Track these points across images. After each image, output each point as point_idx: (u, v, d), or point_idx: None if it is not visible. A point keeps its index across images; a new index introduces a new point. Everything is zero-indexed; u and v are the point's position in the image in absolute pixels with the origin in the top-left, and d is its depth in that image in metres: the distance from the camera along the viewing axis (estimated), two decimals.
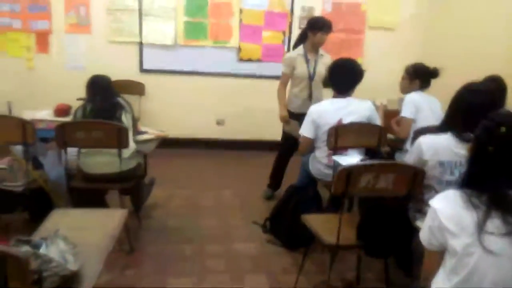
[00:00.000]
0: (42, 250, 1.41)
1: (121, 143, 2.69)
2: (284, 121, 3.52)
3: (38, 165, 2.95)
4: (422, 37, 5.06)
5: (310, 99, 3.47)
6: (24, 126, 2.62)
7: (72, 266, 1.47)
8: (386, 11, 5.03)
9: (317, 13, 4.93)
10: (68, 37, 4.62)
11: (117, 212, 2.11)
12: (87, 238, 1.70)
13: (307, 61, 3.47)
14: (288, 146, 3.59)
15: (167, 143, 3.58)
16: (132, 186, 2.91)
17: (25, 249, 1.37)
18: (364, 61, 4.95)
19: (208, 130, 4.99)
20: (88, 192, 2.85)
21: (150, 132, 3.25)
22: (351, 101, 2.85)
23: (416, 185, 2.03)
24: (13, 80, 4.59)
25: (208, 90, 4.86)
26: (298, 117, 3.40)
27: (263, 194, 3.81)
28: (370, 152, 2.94)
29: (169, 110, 4.91)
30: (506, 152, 1.28)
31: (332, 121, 2.76)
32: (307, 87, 3.49)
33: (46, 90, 4.53)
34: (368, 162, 2.25)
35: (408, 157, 2.18)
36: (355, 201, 2.71)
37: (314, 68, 3.48)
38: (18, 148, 2.88)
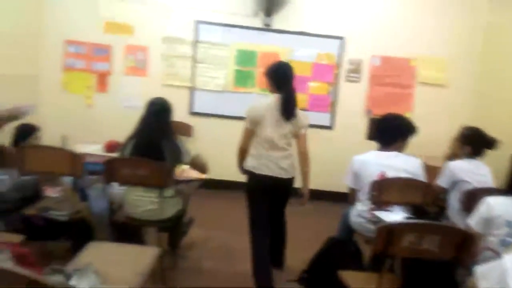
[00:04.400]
0: (74, 281, 1.43)
1: (164, 182, 2.71)
2: None
3: (84, 197, 3.05)
4: (473, 95, 4.92)
5: None
6: (74, 159, 2.74)
7: None
8: (435, 67, 4.97)
9: (365, 66, 4.96)
10: (125, 79, 4.92)
11: (150, 250, 2.11)
12: (117, 274, 1.70)
13: None
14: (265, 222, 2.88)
15: (209, 184, 3.61)
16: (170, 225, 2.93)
17: (58, 278, 1.40)
18: (413, 116, 4.85)
19: None
20: (127, 227, 2.88)
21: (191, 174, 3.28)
22: (398, 155, 2.77)
23: (464, 250, 1.89)
24: (72, 115, 4.89)
25: None
26: None
27: None
28: (416, 211, 2.80)
29: (214, 152, 4.99)
30: None
31: (374, 173, 2.68)
32: None
33: (101, 126, 4.78)
34: (412, 221, 2.14)
35: (472, 218, 2.11)
36: (397, 261, 2.55)
37: None
38: (68, 180, 3.02)
